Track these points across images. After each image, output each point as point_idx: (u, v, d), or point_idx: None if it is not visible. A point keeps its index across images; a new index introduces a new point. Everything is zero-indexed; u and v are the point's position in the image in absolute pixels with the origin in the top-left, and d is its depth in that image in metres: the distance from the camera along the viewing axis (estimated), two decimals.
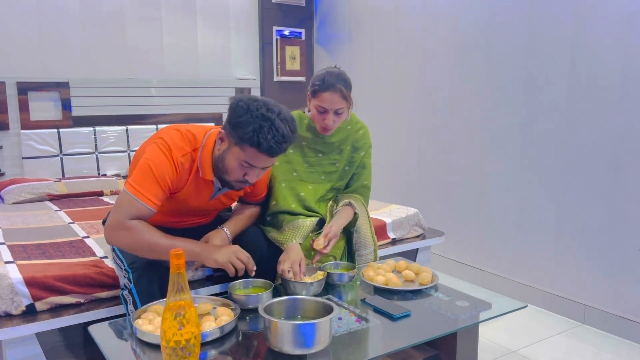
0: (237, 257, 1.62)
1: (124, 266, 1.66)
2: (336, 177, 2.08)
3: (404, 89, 3.57)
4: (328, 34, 4.25)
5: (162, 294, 1.60)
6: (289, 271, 1.72)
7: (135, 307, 1.60)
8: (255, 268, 1.65)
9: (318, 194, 2.06)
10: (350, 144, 2.09)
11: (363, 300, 1.66)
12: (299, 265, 1.74)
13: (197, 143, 1.69)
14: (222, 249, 1.64)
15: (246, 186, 1.71)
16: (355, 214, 2.02)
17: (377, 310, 1.59)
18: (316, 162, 2.04)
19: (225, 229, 1.81)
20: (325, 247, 1.84)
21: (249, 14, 4.12)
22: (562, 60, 2.61)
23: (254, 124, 1.53)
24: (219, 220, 2.02)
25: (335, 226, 1.90)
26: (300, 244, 1.85)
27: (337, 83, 1.85)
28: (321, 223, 2.04)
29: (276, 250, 1.83)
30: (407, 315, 1.56)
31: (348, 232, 2.07)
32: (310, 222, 1.95)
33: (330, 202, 2.09)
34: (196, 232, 1.93)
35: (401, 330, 1.51)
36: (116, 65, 3.58)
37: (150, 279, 1.60)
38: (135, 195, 1.58)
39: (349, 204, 2.03)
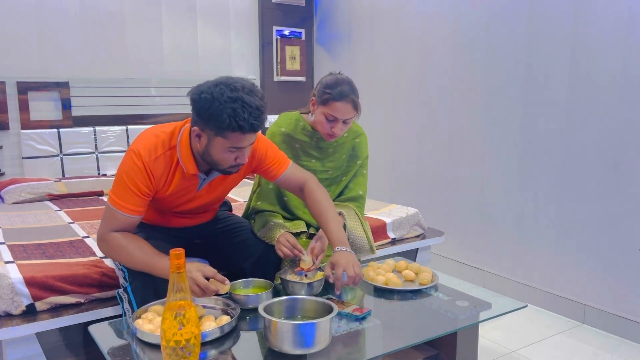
0: (194, 284, 1.50)
1: (120, 266, 1.67)
2: (326, 185, 2.06)
3: (404, 88, 3.57)
4: (328, 34, 4.25)
5: (157, 293, 1.60)
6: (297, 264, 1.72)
7: (131, 305, 1.61)
8: (218, 289, 1.53)
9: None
10: (346, 152, 2.07)
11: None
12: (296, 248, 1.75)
13: (173, 141, 1.65)
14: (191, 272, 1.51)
15: (242, 165, 1.65)
16: (344, 224, 1.98)
17: (340, 314, 1.55)
18: (308, 167, 2.02)
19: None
20: (313, 264, 1.76)
21: (249, 14, 4.12)
22: (561, 60, 2.61)
23: (226, 110, 1.47)
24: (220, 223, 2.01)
25: (319, 242, 1.84)
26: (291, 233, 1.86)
27: (350, 93, 1.84)
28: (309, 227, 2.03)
29: (274, 250, 1.83)
30: (369, 314, 1.54)
31: None
32: (295, 223, 1.96)
33: None
34: (203, 228, 1.92)
35: (401, 330, 1.51)
36: (116, 65, 3.58)
37: (145, 278, 1.60)
38: (114, 207, 1.60)
39: (339, 214, 2.00)
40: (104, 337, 1.43)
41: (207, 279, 1.53)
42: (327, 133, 1.91)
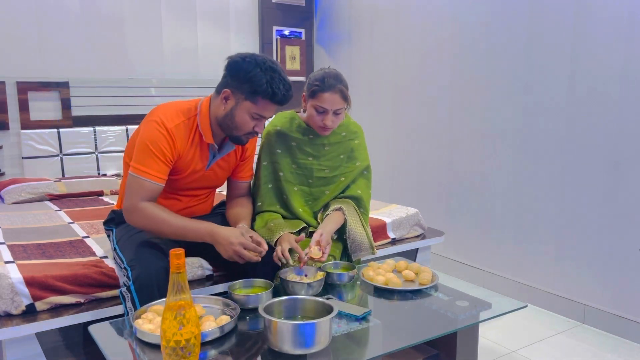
0: (240, 254, 1.65)
1: (123, 264, 1.67)
2: (323, 183, 2.07)
3: (404, 88, 3.57)
4: (328, 34, 4.25)
5: (160, 292, 1.60)
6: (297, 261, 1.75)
7: (133, 305, 1.60)
8: (261, 253, 1.68)
9: (303, 198, 2.05)
10: (343, 152, 2.07)
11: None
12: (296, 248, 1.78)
13: (192, 111, 1.78)
14: (228, 244, 1.65)
15: (254, 137, 1.82)
16: (345, 219, 1.99)
17: (340, 314, 1.55)
18: (305, 165, 2.03)
19: (242, 224, 1.83)
20: (322, 255, 1.79)
21: (249, 14, 4.12)
22: (561, 60, 2.61)
23: (266, 77, 1.64)
24: (219, 217, 2.02)
25: (325, 234, 1.85)
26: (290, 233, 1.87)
27: (338, 84, 1.86)
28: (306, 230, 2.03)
29: (273, 251, 1.83)
30: (369, 313, 1.55)
31: (343, 235, 2.04)
32: (294, 222, 1.96)
33: (321, 213, 2.05)
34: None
35: (401, 330, 1.51)
36: (116, 65, 3.58)
37: (149, 277, 1.60)
38: (140, 175, 1.67)
39: (339, 209, 2.01)
40: (104, 337, 1.43)
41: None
42: (319, 126, 1.92)
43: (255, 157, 2.09)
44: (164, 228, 1.67)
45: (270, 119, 1.98)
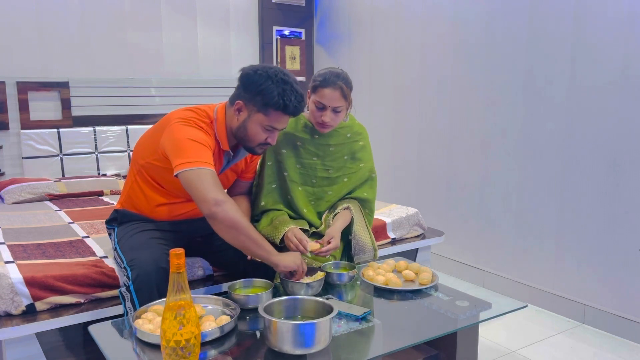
0: (301, 265, 1.68)
1: (123, 264, 1.66)
2: (326, 184, 2.07)
3: (404, 88, 3.57)
4: (328, 34, 4.25)
5: (160, 293, 1.60)
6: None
7: (133, 305, 1.60)
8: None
9: (307, 197, 2.05)
10: (348, 154, 2.07)
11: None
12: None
13: (210, 117, 1.78)
14: (291, 256, 1.68)
15: (267, 147, 1.81)
16: (352, 218, 2.00)
17: (340, 314, 1.55)
18: (310, 165, 2.03)
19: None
20: (328, 244, 1.83)
21: (249, 14, 4.12)
22: (562, 60, 2.61)
23: (277, 89, 1.65)
24: None
25: (332, 229, 1.89)
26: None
27: (338, 81, 1.87)
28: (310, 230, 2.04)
29: (277, 248, 1.84)
30: (369, 313, 1.55)
31: (346, 235, 2.05)
32: (297, 222, 1.96)
33: (326, 214, 2.06)
34: (191, 224, 1.92)
35: (401, 330, 1.51)
36: (116, 65, 3.58)
37: (149, 278, 1.60)
38: (199, 167, 1.58)
39: (347, 208, 2.02)
40: (104, 337, 1.43)
41: (291, 273, 1.69)
42: (318, 122, 1.93)
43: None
44: (248, 231, 1.59)
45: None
